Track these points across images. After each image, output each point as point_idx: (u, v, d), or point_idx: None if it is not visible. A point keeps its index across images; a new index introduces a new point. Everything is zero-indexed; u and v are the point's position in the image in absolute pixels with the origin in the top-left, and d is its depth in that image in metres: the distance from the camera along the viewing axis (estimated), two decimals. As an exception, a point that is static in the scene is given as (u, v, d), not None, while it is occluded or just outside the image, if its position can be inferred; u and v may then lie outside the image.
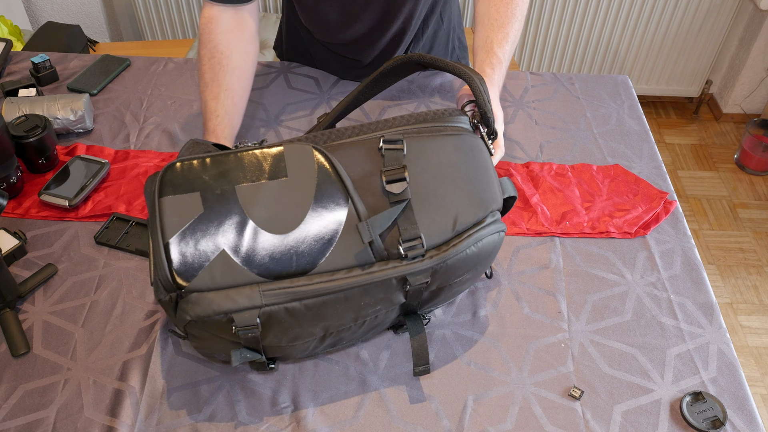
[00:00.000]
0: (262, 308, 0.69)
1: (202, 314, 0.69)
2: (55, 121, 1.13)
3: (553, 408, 0.81)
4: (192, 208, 0.71)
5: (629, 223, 1.03)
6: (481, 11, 1.06)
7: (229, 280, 0.69)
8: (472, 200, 0.76)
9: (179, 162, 0.74)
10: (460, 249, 0.74)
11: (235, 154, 0.75)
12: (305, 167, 0.74)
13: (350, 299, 0.72)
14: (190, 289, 0.69)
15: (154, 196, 0.72)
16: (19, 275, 0.93)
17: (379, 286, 0.72)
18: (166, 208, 0.71)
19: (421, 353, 0.80)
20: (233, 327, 0.69)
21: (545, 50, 2.55)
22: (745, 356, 1.95)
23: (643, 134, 1.21)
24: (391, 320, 0.81)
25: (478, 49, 1.04)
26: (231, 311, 0.68)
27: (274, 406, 0.80)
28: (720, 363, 0.86)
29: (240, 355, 0.72)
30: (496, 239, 0.77)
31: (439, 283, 0.76)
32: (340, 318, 0.74)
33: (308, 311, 0.71)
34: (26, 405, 0.79)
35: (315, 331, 0.74)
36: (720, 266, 2.21)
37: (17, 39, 2.08)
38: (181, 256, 0.70)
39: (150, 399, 0.80)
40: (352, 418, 0.79)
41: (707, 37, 2.51)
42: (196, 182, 0.72)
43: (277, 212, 0.71)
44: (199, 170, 0.73)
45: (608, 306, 0.92)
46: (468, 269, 0.77)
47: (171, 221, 0.71)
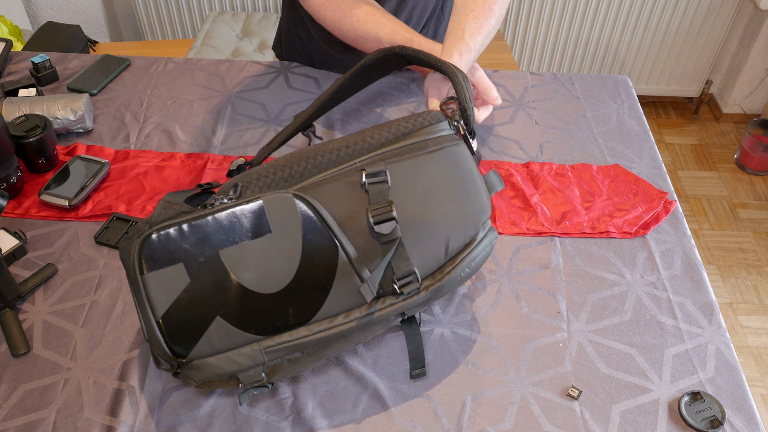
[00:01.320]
0: (265, 365, 0.71)
1: (206, 379, 0.71)
2: (55, 121, 1.13)
3: (552, 408, 0.81)
4: (177, 280, 0.69)
5: (629, 223, 1.03)
6: (459, 2, 1.04)
7: (229, 344, 0.70)
8: (461, 220, 0.75)
9: (155, 233, 0.70)
10: (455, 274, 0.75)
11: (212, 215, 0.70)
12: (288, 219, 0.71)
13: (349, 336, 0.74)
14: (192, 358, 0.71)
15: (136, 273, 0.70)
16: (19, 275, 0.93)
17: (377, 321, 0.74)
18: (151, 284, 0.69)
19: (418, 356, 0.80)
20: (240, 384, 0.71)
21: (545, 50, 2.55)
22: (745, 356, 1.95)
23: (643, 134, 1.21)
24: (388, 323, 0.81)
25: (448, 34, 1.00)
26: (235, 372, 0.70)
27: (274, 397, 0.80)
28: (718, 363, 0.86)
29: (248, 395, 0.73)
30: (488, 251, 0.78)
31: (434, 299, 0.78)
32: (340, 350, 0.76)
33: (311, 356, 0.73)
34: (26, 405, 0.80)
35: (318, 364, 0.78)
36: (720, 266, 2.21)
37: (17, 39, 2.08)
38: (175, 330, 0.69)
39: (150, 398, 0.80)
40: (351, 412, 0.79)
41: (707, 37, 2.51)
42: (176, 252, 0.69)
43: (266, 271, 0.70)
44: (178, 239, 0.69)
45: (608, 306, 0.92)
46: (462, 283, 0.78)
47: (159, 297, 0.69)
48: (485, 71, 1.10)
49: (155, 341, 0.70)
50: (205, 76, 1.30)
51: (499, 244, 1.00)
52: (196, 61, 1.34)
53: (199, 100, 1.24)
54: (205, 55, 2.13)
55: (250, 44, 2.21)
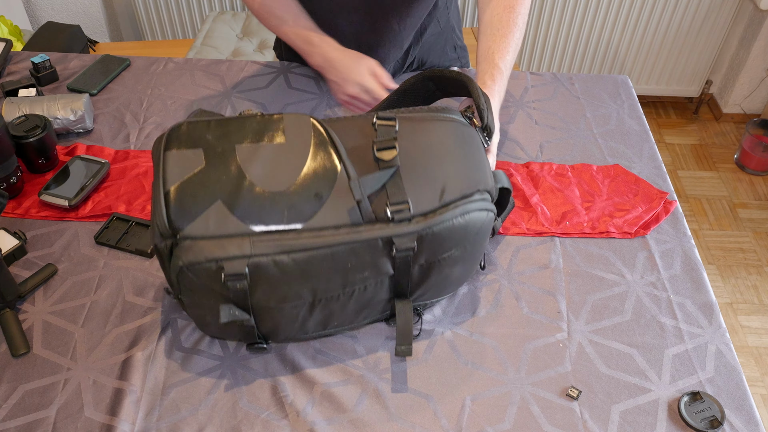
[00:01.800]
0: (251, 257, 0.71)
1: (194, 260, 0.70)
2: (55, 121, 1.13)
3: (551, 408, 0.81)
4: (194, 162, 0.75)
5: (629, 223, 1.03)
6: (485, 20, 1.07)
7: (223, 230, 0.72)
8: (461, 176, 0.78)
9: (185, 123, 0.78)
10: (447, 218, 0.75)
11: (238, 119, 0.79)
12: (302, 133, 0.78)
13: (337, 258, 0.73)
14: (185, 236, 0.71)
15: (160, 151, 0.76)
16: (19, 275, 0.93)
17: (366, 248, 0.74)
18: (170, 160, 0.75)
19: (405, 333, 0.80)
20: (222, 275, 0.70)
21: (545, 50, 2.55)
22: (745, 356, 1.95)
23: (643, 134, 1.21)
24: (381, 301, 0.81)
25: (480, 59, 1.04)
26: (221, 259, 0.70)
27: (275, 395, 0.80)
28: (718, 363, 0.86)
29: (229, 311, 0.73)
30: (483, 217, 0.78)
31: (427, 256, 0.77)
32: (328, 280, 0.75)
33: (296, 266, 0.72)
34: (26, 405, 0.80)
35: (303, 292, 0.75)
36: (720, 266, 2.21)
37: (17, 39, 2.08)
38: (178, 203, 0.72)
39: (150, 396, 0.80)
40: (351, 412, 0.79)
41: (707, 37, 2.51)
42: (199, 141, 0.77)
43: (273, 170, 0.75)
44: (203, 130, 0.78)
45: (608, 306, 0.92)
46: (455, 243, 0.78)
47: (173, 171, 0.74)
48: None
49: (158, 212, 0.72)
50: (205, 76, 1.30)
51: (500, 244, 1.00)
52: (196, 61, 1.34)
53: (199, 100, 1.24)
54: (205, 55, 2.13)
55: (250, 44, 2.21)
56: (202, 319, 0.79)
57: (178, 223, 0.72)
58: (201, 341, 0.86)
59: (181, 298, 0.76)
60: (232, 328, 0.80)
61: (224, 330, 0.81)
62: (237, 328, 0.79)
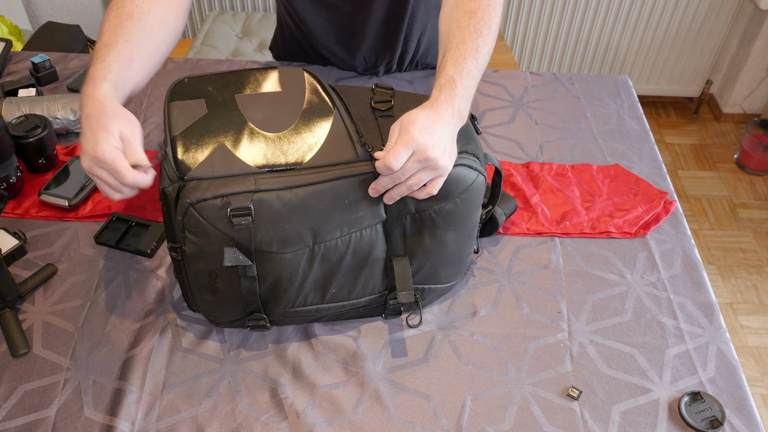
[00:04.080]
0: (255, 192, 0.73)
1: (200, 197, 0.72)
2: (55, 121, 1.13)
3: (552, 408, 0.81)
4: (197, 110, 0.80)
5: (629, 223, 1.03)
6: (443, 31, 0.91)
7: (227, 170, 0.74)
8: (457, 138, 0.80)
9: (187, 78, 0.85)
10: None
11: (235, 72, 0.87)
12: (297, 83, 0.86)
13: (336, 192, 0.76)
14: (192, 177, 0.74)
15: (166, 101, 0.81)
16: (19, 275, 0.93)
17: (362, 183, 0.76)
18: (174, 110, 0.80)
19: (404, 278, 0.82)
20: (228, 211, 0.72)
21: (545, 50, 2.55)
22: (745, 356, 1.95)
23: (643, 134, 1.21)
24: (378, 261, 0.82)
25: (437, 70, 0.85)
26: (227, 194, 0.73)
27: (275, 397, 0.80)
28: (719, 363, 0.86)
29: (233, 254, 0.75)
30: (473, 176, 0.80)
31: (417, 204, 0.79)
32: (327, 219, 0.77)
33: (298, 201, 0.74)
34: (26, 405, 0.80)
35: (304, 233, 0.77)
36: (720, 266, 2.21)
37: (17, 39, 2.08)
38: (184, 148, 0.76)
39: (150, 396, 0.80)
40: (351, 413, 0.79)
41: (707, 37, 2.50)
42: (201, 92, 0.83)
43: (272, 115, 0.81)
44: (205, 83, 0.84)
45: (608, 306, 0.92)
46: (444, 195, 0.79)
47: (178, 120, 0.79)
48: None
49: (166, 157, 0.75)
50: (205, 76, 1.30)
51: (500, 244, 1.00)
52: (196, 61, 1.34)
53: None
54: (205, 55, 2.13)
55: (250, 44, 2.21)
56: (203, 285, 0.79)
57: (185, 166, 0.74)
58: (201, 342, 0.86)
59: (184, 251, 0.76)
60: (232, 297, 0.80)
61: (225, 302, 0.81)
62: (237, 297, 0.80)
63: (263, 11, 2.41)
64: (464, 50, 0.84)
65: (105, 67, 0.79)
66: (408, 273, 0.82)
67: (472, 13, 0.88)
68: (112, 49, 0.81)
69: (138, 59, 0.83)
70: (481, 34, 0.87)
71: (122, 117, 0.75)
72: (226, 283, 0.78)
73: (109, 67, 0.79)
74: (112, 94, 0.78)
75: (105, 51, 0.81)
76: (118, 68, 0.80)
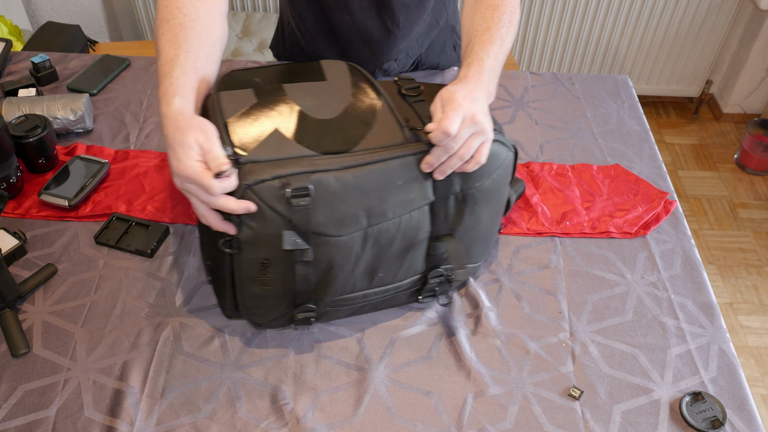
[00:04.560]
0: (314, 173, 0.74)
1: (258, 178, 0.72)
2: (55, 121, 1.13)
3: (553, 408, 0.81)
4: (247, 99, 0.82)
5: (630, 223, 1.03)
6: (467, 24, 0.96)
7: (283, 153, 0.75)
8: None
9: (231, 71, 0.87)
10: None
11: (280, 65, 0.91)
12: (340, 73, 0.89)
13: (391, 172, 0.78)
14: (248, 160, 0.74)
15: (214, 93, 0.82)
16: (19, 275, 0.93)
17: (415, 163, 0.78)
18: (224, 98, 0.81)
19: (457, 256, 0.85)
20: (287, 191, 0.73)
21: (545, 50, 2.55)
22: (745, 356, 1.95)
23: (643, 134, 1.21)
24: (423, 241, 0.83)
25: (464, 57, 0.91)
26: (285, 175, 0.73)
27: (275, 403, 0.80)
28: (720, 363, 0.86)
29: (291, 238, 0.75)
30: (506, 152, 0.84)
31: (462, 184, 0.82)
32: (382, 199, 0.78)
33: (355, 180, 0.76)
34: (26, 405, 0.79)
35: (359, 214, 0.78)
36: (720, 266, 2.21)
37: (17, 39, 2.08)
38: (238, 134, 0.77)
39: (150, 399, 0.80)
40: (352, 416, 0.79)
41: (707, 37, 2.50)
42: (248, 83, 0.85)
43: (320, 102, 0.83)
44: (252, 74, 0.87)
45: (609, 306, 0.92)
46: (484, 172, 0.82)
47: (229, 107, 0.80)
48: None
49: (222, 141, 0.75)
50: (205, 76, 1.30)
51: (500, 244, 1.00)
52: (196, 61, 1.34)
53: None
54: (205, 55, 2.12)
55: (250, 44, 2.21)
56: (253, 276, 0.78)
57: (241, 151, 0.75)
58: (202, 347, 0.86)
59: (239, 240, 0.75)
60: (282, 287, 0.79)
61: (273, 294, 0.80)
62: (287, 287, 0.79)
63: (263, 11, 2.41)
64: (490, 35, 0.90)
65: (173, 83, 0.79)
66: (460, 251, 0.85)
67: (495, 7, 0.94)
68: (175, 63, 0.82)
69: (202, 67, 0.84)
70: (504, 24, 0.93)
71: (196, 126, 0.74)
72: (277, 271, 0.78)
73: (177, 82, 0.80)
74: (185, 107, 0.77)
75: (169, 66, 0.81)
76: (185, 81, 0.81)
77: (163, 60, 0.82)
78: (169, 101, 0.77)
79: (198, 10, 0.88)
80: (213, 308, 0.90)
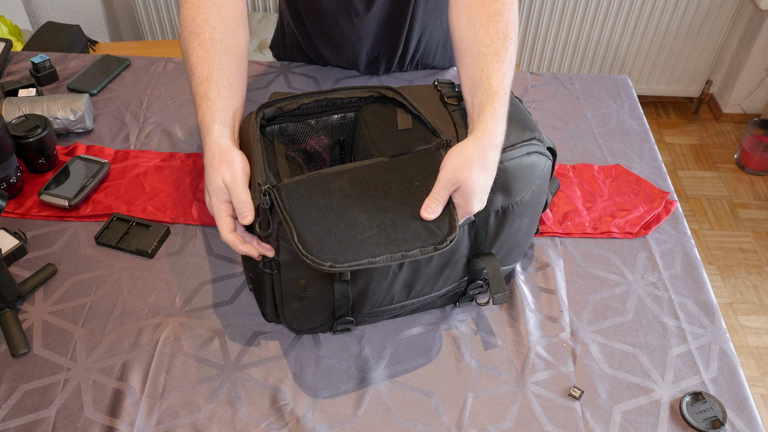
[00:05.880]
0: None
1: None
2: (55, 121, 1.13)
3: (553, 407, 0.81)
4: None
5: (631, 223, 1.02)
6: (468, 36, 0.84)
7: None
8: (517, 127, 0.82)
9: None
10: (515, 154, 0.79)
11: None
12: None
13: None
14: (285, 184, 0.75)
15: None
16: (19, 275, 0.93)
17: None
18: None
19: (497, 279, 0.82)
20: None
21: (545, 50, 2.55)
22: (745, 356, 1.95)
23: (643, 134, 1.21)
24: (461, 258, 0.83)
25: (474, 86, 0.81)
26: None
27: (275, 404, 0.80)
28: (721, 363, 0.86)
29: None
30: (544, 162, 0.82)
31: (503, 201, 0.80)
32: None
33: None
34: (26, 405, 0.79)
35: None
36: (720, 266, 2.21)
37: (17, 39, 2.08)
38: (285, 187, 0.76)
39: (150, 399, 0.80)
40: (352, 416, 0.79)
41: (707, 37, 2.50)
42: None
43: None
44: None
45: (609, 306, 0.92)
46: (525, 184, 0.81)
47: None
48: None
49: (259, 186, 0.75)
50: (205, 76, 1.30)
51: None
52: (196, 61, 1.34)
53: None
54: (205, 55, 2.12)
55: (250, 44, 2.20)
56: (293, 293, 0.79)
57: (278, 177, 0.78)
58: (202, 348, 0.86)
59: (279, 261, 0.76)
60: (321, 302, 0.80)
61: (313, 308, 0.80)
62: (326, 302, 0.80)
63: (263, 11, 2.41)
64: (500, 61, 0.81)
65: (211, 107, 0.80)
66: (500, 274, 0.82)
67: (498, 16, 0.84)
68: (210, 84, 0.82)
69: (235, 82, 0.84)
70: (512, 40, 0.83)
71: (226, 162, 0.75)
72: (316, 289, 0.78)
73: (214, 105, 0.80)
74: (223, 135, 0.79)
75: (205, 87, 0.82)
76: (222, 103, 0.81)
77: (198, 80, 0.83)
78: (208, 129, 0.79)
79: (224, 19, 0.88)
80: (213, 308, 0.90)
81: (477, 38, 0.83)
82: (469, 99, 0.81)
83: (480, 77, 0.80)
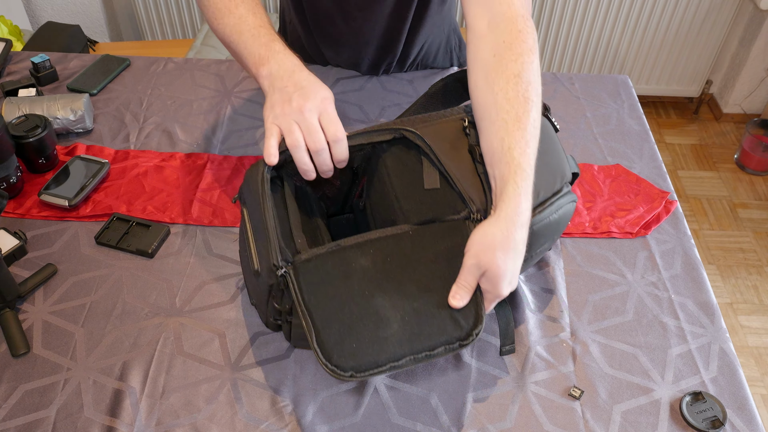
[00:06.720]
0: None
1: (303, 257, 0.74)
2: (55, 121, 1.13)
3: (553, 407, 0.81)
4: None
5: (631, 223, 1.03)
6: (487, 101, 0.78)
7: None
8: (548, 172, 0.80)
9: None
10: (545, 216, 0.78)
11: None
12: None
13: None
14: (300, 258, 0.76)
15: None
16: (19, 275, 0.93)
17: None
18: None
19: (508, 333, 0.79)
20: None
21: (545, 50, 2.55)
22: (745, 356, 1.95)
23: (643, 134, 1.21)
24: None
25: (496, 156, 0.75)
26: None
27: (275, 405, 0.80)
28: (721, 363, 0.86)
29: None
30: (571, 208, 0.82)
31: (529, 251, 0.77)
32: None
33: None
34: (26, 405, 0.79)
35: None
36: (720, 266, 2.21)
37: (17, 39, 2.08)
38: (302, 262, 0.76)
39: (150, 399, 0.80)
40: (352, 416, 0.79)
41: (707, 37, 2.50)
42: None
43: None
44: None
45: (609, 306, 0.92)
46: (548, 237, 0.81)
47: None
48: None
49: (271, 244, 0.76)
50: (205, 76, 1.30)
51: (500, 244, 1.00)
52: (196, 61, 1.34)
53: (199, 100, 1.24)
54: (205, 55, 2.12)
55: (250, 44, 2.20)
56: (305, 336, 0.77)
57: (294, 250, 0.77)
58: (202, 348, 0.86)
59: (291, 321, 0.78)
60: None
61: None
62: None
63: (263, 11, 2.41)
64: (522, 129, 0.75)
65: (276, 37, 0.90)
66: (512, 327, 0.79)
67: (517, 78, 0.77)
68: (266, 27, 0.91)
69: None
70: (533, 103, 0.77)
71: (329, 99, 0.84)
72: None
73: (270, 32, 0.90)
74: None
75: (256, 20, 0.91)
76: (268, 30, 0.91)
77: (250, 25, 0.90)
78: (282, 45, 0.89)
79: None
80: (213, 309, 0.90)
81: (496, 103, 0.77)
82: (490, 171, 0.76)
83: (501, 147, 0.74)
